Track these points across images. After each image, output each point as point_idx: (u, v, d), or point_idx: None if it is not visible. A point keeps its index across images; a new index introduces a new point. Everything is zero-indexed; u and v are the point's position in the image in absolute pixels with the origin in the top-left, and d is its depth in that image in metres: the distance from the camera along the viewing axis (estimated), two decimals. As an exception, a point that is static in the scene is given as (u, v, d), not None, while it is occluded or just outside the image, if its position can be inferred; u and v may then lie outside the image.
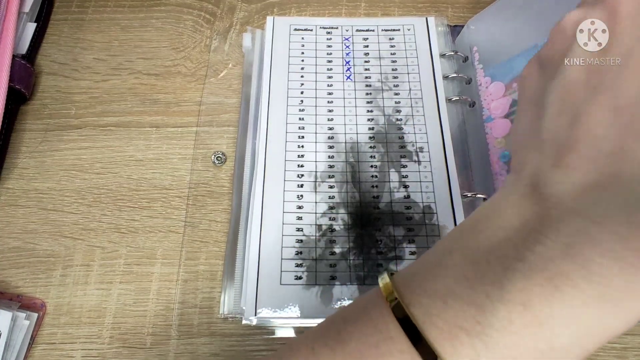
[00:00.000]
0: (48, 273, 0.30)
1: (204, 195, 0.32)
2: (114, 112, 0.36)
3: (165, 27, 0.39)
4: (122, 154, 0.34)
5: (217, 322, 0.29)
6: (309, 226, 0.30)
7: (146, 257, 0.31)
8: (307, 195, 0.31)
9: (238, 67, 0.37)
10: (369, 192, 0.31)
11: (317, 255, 0.29)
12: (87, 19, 0.40)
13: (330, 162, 0.32)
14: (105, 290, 0.30)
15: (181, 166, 0.34)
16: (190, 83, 0.37)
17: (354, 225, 0.30)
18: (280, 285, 0.28)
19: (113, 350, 0.28)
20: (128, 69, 0.37)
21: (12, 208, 0.32)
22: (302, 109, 0.34)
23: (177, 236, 0.31)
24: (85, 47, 0.38)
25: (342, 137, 0.33)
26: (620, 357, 0.27)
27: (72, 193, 0.33)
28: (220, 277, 0.30)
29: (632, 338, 0.28)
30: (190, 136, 0.35)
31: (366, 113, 0.34)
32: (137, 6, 0.40)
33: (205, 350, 0.28)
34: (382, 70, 0.35)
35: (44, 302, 0.29)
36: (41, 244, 0.31)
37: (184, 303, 0.29)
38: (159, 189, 0.33)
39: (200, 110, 0.36)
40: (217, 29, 0.39)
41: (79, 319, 0.29)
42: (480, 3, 0.40)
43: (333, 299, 0.27)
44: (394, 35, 0.37)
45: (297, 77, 0.35)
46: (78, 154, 0.34)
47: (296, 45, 0.36)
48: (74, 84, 0.37)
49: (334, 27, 0.38)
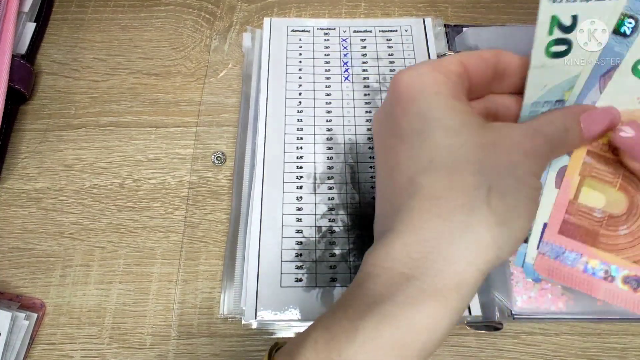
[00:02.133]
0: (47, 273, 0.30)
1: (204, 195, 0.32)
2: (114, 112, 0.36)
3: (165, 26, 0.39)
4: (121, 154, 0.34)
5: (216, 322, 0.29)
6: (309, 228, 0.30)
7: (146, 257, 0.31)
8: (307, 196, 0.30)
9: (238, 67, 0.37)
10: (368, 193, 0.31)
11: (317, 257, 0.29)
12: (87, 18, 0.40)
13: (329, 163, 0.32)
14: (105, 290, 0.30)
15: (181, 166, 0.34)
16: (190, 83, 0.37)
17: (354, 226, 0.30)
18: (280, 288, 0.28)
19: (112, 351, 0.28)
20: (128, 68, 0.37)
21: (12, 208, 0.32)
22: (301, 110, 0.34)
23: (177, 236, 0.31)
24: (84, 46, 0.38)
25: (341, 138, 0.33)
26: (621, 358, 0.27)
27: (72, 193, 0.33)
28: (220, 277, 0.30)
29: (633, 338, 0.28)
30: (190, 136, 0.35)
31: (365, 114, 0.34)
32: (136, 6, 0.40)
33: (205, 350, 0.28)
34: (380, 71, 0.35)
35: (44, 302, 0.29)
36: (41, 244, 0.31)
37: (183, 303, 0.29)
38: (158, 189, 0.33)
39: (200, 110, 0.36)
40: (217, 29, 0.39)
41: (79, 319, 0.29)
42: (480, 3, 0.40)
43: (333, 301, 0.27)
44: (392, 36, 0.37)
45: (295, 79, 0.35)
46: (78, 153, 0.34)
47: (294, 47, 0.36)
48: (74, 83, 0.37)
49: (331, 28, 0.37)
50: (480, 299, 0.27)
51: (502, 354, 0.28)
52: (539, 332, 0.28)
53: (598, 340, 0.28)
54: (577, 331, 0.28)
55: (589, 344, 0.28)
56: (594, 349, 0.28)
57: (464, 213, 0.18)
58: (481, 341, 0.28)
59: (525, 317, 0.28)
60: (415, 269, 0.18)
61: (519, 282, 0.28)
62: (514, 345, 0.28)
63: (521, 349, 0.28)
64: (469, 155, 0.18)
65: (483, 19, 0.39)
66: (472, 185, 0.18)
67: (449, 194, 0.18)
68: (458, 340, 0.28)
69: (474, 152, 0.18)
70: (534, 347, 0.28)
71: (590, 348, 0.28)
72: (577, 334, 0.28)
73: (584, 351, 0.28)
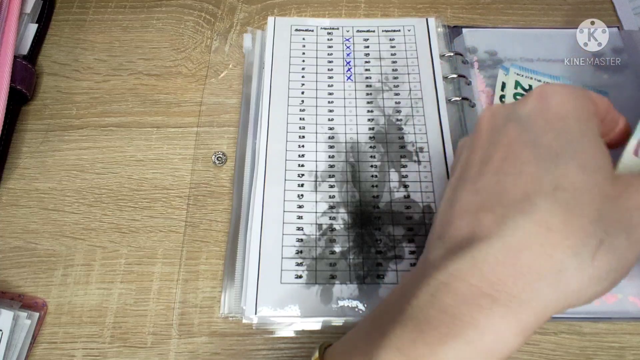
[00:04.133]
0: (49, 273, 0.30)
1: (205, 195, 0.33)
2: (115, 113, 0.36)
3: (166, 27, 0.39)
4: (123, 154, 0.34)
5: (217, 321, 0.29)
6: (309, 225, 0.30)
7: (147, 256, 0.31)
8: (308, 194, 0.31)
9: (238, 67, 0.37)
10: (369, 191, 0.31)
11: (317, 254, 0.29)
12: (88, 19, 0.40)
13: (331, 161, 0.32)
14: (106, 289, 0.30)
15: (182, 166, 0.34)
16: (190, 83, 0.37)
17: (354, 224, 0.30)
18: (280, 284, 0.28)
19: (114, 350, 0.28)
20: (129, 69, 0.38)
21: (14, 208, 0.32)
22: (303, 109, 0.34)
23: (178, 236, 0.31)
24: (86, 47, 0.39)
25: (343, 137, 0.33)
26: (619, 357, 0.27)
27: (73, 193, 0.33)
28: (220, 276, 0.30)
29: (630, 338, 0.28)
30: (190, 136, 0.35)
31: (366, 113, 0.34)
32: (138, 7, 0.40)
33: (206, 349, 0.28)
34: (383, 71, 0.36)
35: (45, 301, 0.30)
36: (42, 244, 0.31)
37: (184, 302, 0.29)
38: (159, 189, 0.33)
39: (200, 111, 0.36)
40: (218, 30, 0.39)
41: (80, 319, 0.29)
42: (480, 4, 0.40)
43: (333, 298, 0.28)
44: (395, 36, 0.37)
45: (297, 77, 0.35)
46: (79, 154, 0.34)
47: (297, 46, 0.37)
48: (75, 84, 0.37)
49: (334, 28, 0.38)
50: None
51: (502, 352, 0.28)
52: (537, 331, 0.28)
53: (596, 339, 0.28)
54: (575, 330, 0.28)
55: (587, 343, 0.28)
56: (592, 348, 0.28)
57: (567, 255, 0.17)
58: (480, 340, 0.28)
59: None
60: (503, 292, 0.17)
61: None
62: (513, 343, 0.28)
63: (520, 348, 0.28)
64: (594, 200, 0.17)
65: (482, 20, 0.39)
66: (586, 231, 0.17)
67: (561, 229, 0.17)
68: (457, 339, 0.28)
69: (599, 199, 0.17)
70: (533, 345, 0.28)
71: (588, 347, 0.28)
72: (576, 333, 0.28)
73: (582, 350, 0.28)
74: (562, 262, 0.16)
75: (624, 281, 0.18)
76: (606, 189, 0.18)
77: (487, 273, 0.17)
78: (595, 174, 0.18)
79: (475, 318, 0.16)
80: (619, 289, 0.27)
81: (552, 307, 0.17)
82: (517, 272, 0.17)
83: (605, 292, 0.18)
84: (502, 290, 0.17)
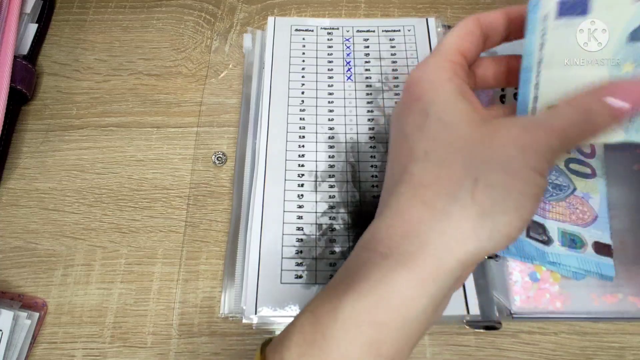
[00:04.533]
0: (49, 273, 0.30)
1: (205, 195, 0.33)
2: (115, 113, 0.36)
3: (166, 27, 0.39)
4: (123, 154, 0.34)
5: (217, 321, 0.29)
6: (310, 225, 0.30)
7: (147, 256, 0.31)
8: (308, 194, 0.31)
9: (238, 67, 0.37)
10: (369, 191, 0.31)
11: (317, 255, 0.29)
12: (88, 19, 0.40)
13: (331, 161, 0.32)
14: (106, 289, 0.30)
15: (182, 166, 0.34)
16: (190, 83, 0.37)
17: (354, 224, 0.30)
18: (280, 284, 0.28)
19: (114, 350, 0.28)
20: (129, 69, 0.38)
21: (14, 208, 0.32)
22: (303, 108, 0.34)
23: (178, 236, 0.31)
24: (86, 47, 0.39)
25: (343, 137, 0.33)
26: (619, 357, 0.28)
27: (73, 193, 0.33)
28: (220, 276, 0.30)
29: (630, 337, 0.28)
30: (190, 136, 0.35)
31: (366, 113, 0.34)
32: (138, 7, 0.40)
33: (206, 349, 0.28)
34: (383, 71, 0.36)
35: (45, 301, 0.30)
36: (42, 244, 0.31)
37: (184, 302, 0.29)
38: (159, 189, 0.33)
39: (200, 111, 0.36)
40: (218, 30, 0.39)
41: (80, 318, 0.29)
42: (480, 4, 0.40)
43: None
44: (395, 36, 0.37)
45: (297, 77, 0.35)
46: (79, 154, 0.34)
47: (297, 46, 0.37)
48: (75, 84, 0.37)
49: (334, 28, 0.38)
50: (479, 299, 0.27)
51: (501, 352, 0.28)
52: (537, 331, 0.28)
53: (596, 339, 0.28)
54: (575, 330, 0.28)
55: (587, 342, 0.28)
56: (592, 348, 0.28)
57: (447, 201, 0.18)
58: (480, 340, 0.28)
59: (524, 317, 0.28)
60: (394, 249, 0.19)
61: (517, 282, 0.28)
62: (513, 344, 0.28)
63: (520, 347, 0.28)
64: (462, 148, 0.19)
65: (482, 20, 0.39)
66: (458, 175, 0.19)
67: (435, 182, 0.19)
68: (457, 339, 0.28)
69: (467, 145, 0.19)
70: (533, 345, 0.28)
71: (588, 347, 0.28)
72: (576, 333, 0.28)
73: (582, 350, 0.28)
74: (444, 209, 0.18)
75: (624, 281, 0.18)
76: (474, 134, 0.19)
77: (382, 238, 0.19)
78: (458, 128, 0.19)
79: (367, 273, 0.19)
80: (619, 289, 0.27)
81: (454, 254, 0.18)
82: (405, 230, 0.19)
83: (510, 229, 0.18)
84: (393, 247, 0.19)
